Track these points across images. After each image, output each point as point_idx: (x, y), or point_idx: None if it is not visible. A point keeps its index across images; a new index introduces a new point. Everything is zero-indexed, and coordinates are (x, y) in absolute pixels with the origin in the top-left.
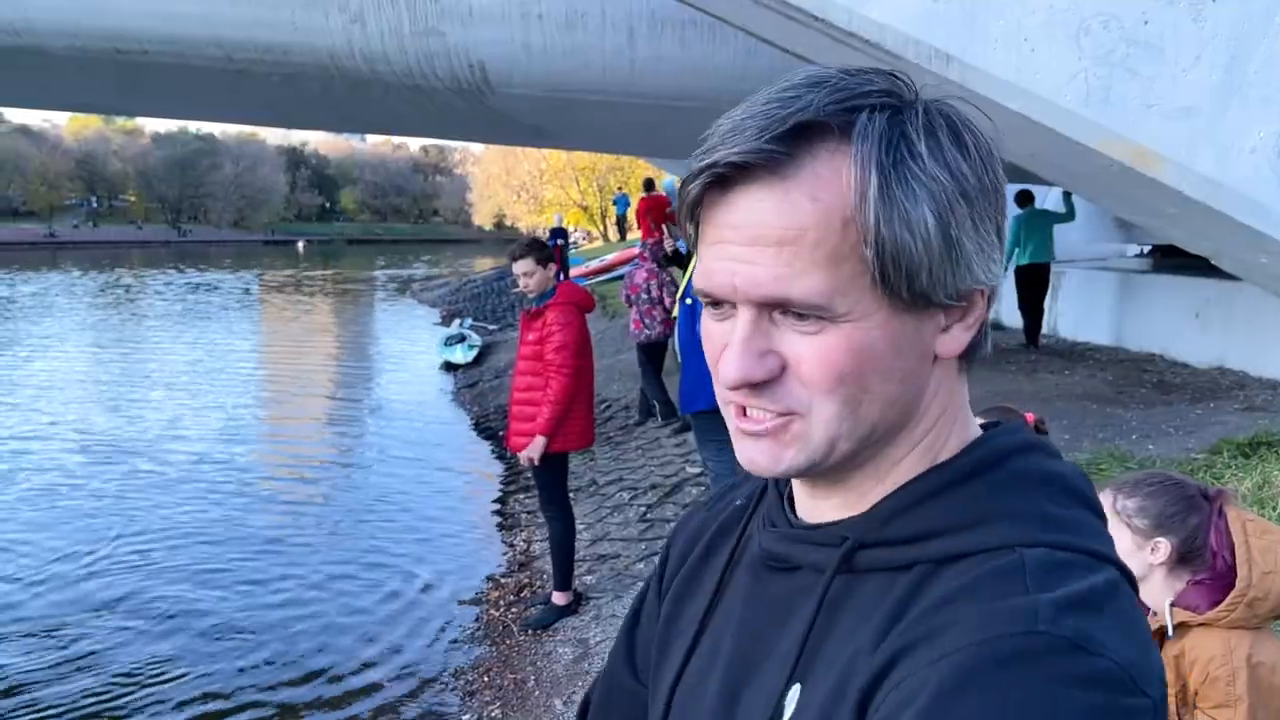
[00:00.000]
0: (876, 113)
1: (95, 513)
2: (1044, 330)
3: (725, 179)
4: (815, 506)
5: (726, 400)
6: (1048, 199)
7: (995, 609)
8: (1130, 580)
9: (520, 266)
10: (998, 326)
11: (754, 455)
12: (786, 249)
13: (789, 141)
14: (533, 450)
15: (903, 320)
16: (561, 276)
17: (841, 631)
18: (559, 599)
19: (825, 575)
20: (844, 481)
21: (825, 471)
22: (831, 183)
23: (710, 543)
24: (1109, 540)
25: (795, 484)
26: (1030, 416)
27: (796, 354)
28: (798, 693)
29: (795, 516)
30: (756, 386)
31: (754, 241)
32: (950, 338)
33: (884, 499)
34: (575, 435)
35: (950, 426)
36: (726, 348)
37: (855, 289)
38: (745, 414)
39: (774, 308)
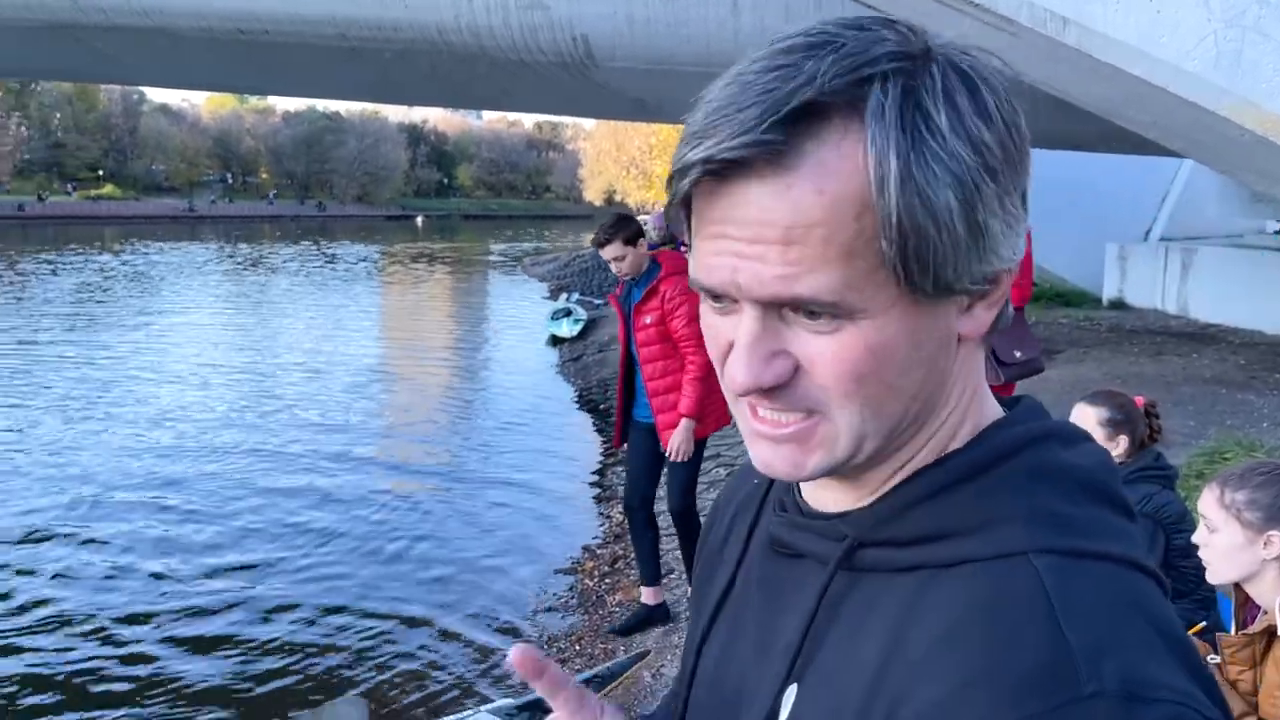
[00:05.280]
0: (890, 82)
1: (229, 465)
2: (1173, 310)
3: (720, 173)
4: (819, 493)
5: (737, 400)
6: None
7: (1030, 672)
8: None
9: (608, 252)
10: (1121, 305)
11: (771, 460)
12: (794, 246)
13: (790, 128)
14: (681, 439)
15: (924, 310)
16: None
17: (840, 633)
18: None
19: (825, 571)
20: (864, 472)
21: (855, 470)
22: (840, 171)
23: (732, 521)
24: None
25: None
26: (1140, 400)
27: (810, 355)
28: (794, 694)
29: (803, 500)
30: (769, 390)
31: (757, 239)
32: (973, 318)
33: (886, 494)
34: (718, 413)
35: (966, 410)
36: (733, 347)
37: (871, 283)
38: (759, 414)
39: (782, 305)
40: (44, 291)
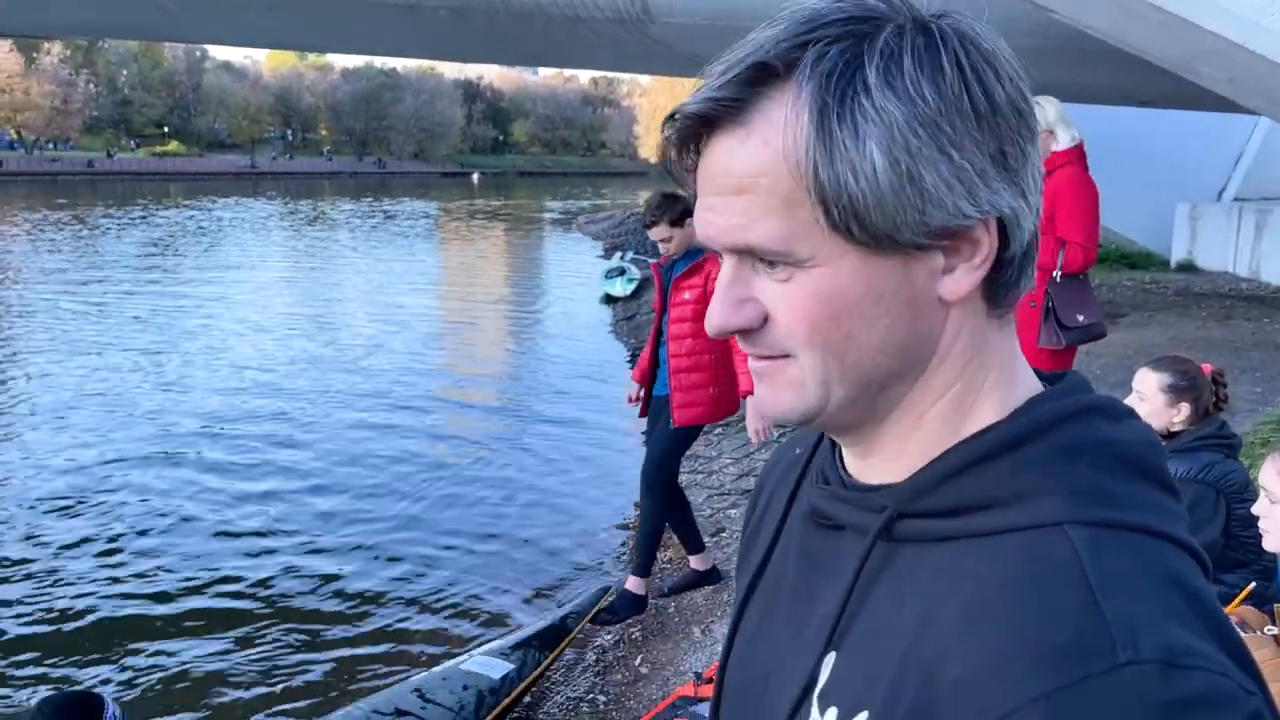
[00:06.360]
0: (832, 44)
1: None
2: (1245, 273)
3: (698, 127)
4: (859, 464)
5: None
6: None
7: (1065, 640)
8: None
9: (655, 234)
10: (1190, 268)
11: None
12: (745, 196)
13: (743, 86)
14: (760, 418)
15: (879, 263)
16: None
17: (878, 603)
18: (635, 585)
19: (864, 543)
20: (873, 437)
21: (843, 424)
22: (781, 125)
23: (772, 492)
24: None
25: (839, 438)
26: (1207, 368)
27: (771, 302)
28: (832, 661)
29: (846, 473)
30: (746, 333)
31: (720, 190)
32: (954, 279)
33: (924, 466)
34: (730, 403)
35: (985, 379)
36: None
37: (814, 234)
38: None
39: (752, 255)
40: (116, 245)
